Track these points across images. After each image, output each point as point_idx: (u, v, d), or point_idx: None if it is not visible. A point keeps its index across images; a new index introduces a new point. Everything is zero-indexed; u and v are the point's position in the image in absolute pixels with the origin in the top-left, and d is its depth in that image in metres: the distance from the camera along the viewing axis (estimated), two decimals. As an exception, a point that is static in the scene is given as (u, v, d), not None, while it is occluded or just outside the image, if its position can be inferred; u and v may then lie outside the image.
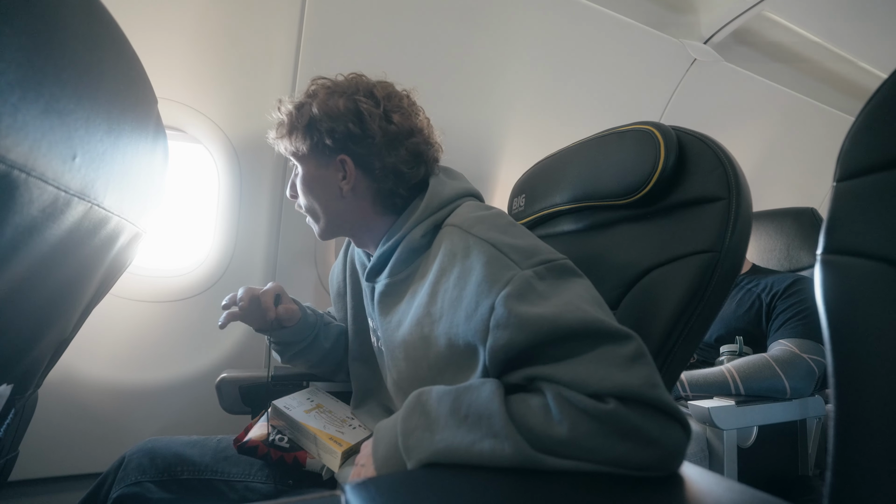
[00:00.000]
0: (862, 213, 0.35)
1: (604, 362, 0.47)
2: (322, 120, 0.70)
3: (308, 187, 0.75)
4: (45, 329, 0.59)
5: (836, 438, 0.33)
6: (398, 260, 0.69)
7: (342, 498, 0.34)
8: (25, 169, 0.38)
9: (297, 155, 0.75)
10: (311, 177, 0.74)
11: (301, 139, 0.72)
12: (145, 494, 0.79)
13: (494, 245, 0.58)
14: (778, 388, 1.16)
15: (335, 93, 0.72)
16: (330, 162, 0.72)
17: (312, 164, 0.74)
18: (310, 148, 0.72)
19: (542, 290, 0.53)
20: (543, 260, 0.56)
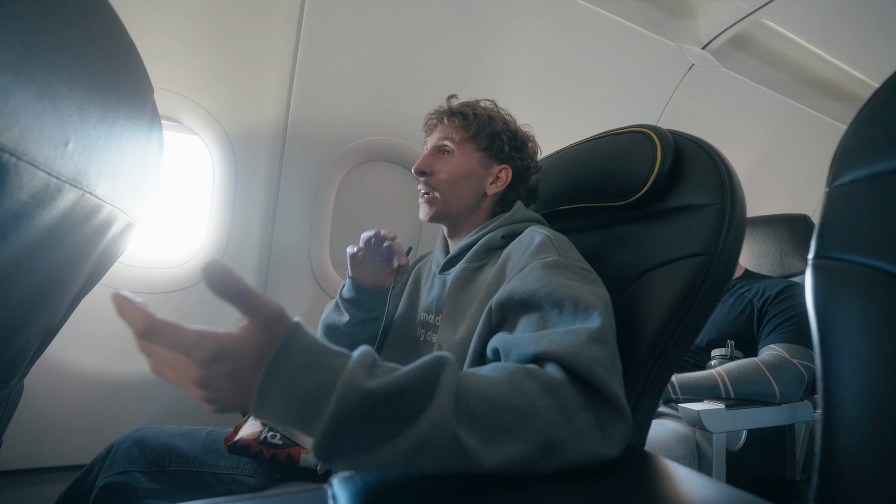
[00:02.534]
0: (853, 217, 0.36)
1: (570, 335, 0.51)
2: (508, 135, 0.87)
3: (458, 173, 0.85)
4: (32, 317, 0.58)
5: (823, 441, 0.33)
6: (478, 250, 0.81)
7: (328, 491, 0.34)
8: (16, 153, 0.37)
9: (464, 145, 0.85)
10: (469, 168, 0.85)
11: (484, 138, 0.85)
12: (132, 484, 0.79)
13: (552, 240, 0.71)
14: (767, 393, 1.17)
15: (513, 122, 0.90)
16: (491, 165, 0.87)
17: (476, 159, 0.86)
18: (486, 148, 0.85)
19: (567, 273, 0.63)
20: (584, 267, 0.68)
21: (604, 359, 0.49)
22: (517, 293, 0.62)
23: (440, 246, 0.92)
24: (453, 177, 0.84)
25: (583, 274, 0.66)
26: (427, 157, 0.86)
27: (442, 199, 0.85)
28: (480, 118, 0.85)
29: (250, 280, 1.44)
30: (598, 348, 0.50)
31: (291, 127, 1.37)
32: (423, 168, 0.85)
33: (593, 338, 0.51)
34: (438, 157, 0.86)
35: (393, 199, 1.64)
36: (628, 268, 0.77)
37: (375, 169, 1.58)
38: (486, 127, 0.85)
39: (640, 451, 0.53)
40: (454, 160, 0.85)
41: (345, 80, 1.37)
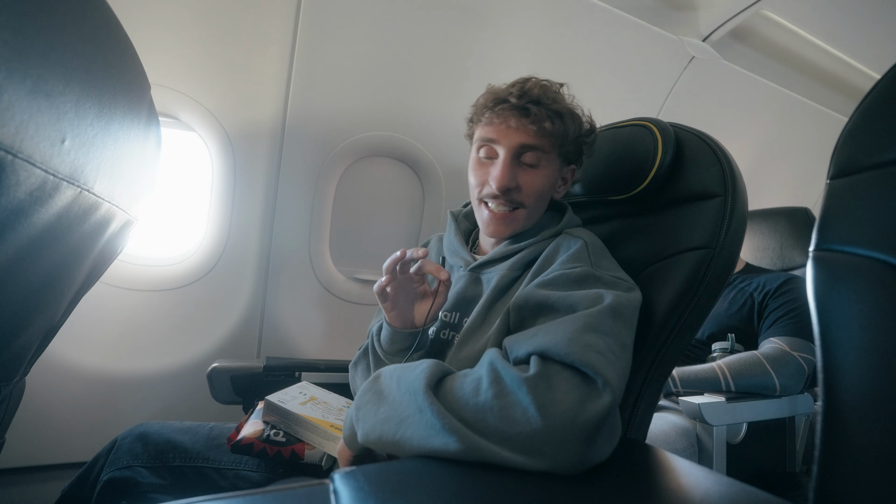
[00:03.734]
0: (854, 209, 0.36)
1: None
2: (583, 138, 0.77)
3: (547, 185, 0.75)
4: (33, 315, 0.58)
5: (823, 433, 0.33)
6: (522, 260, 0.74)
7: (330, 486, 0.34)
8: (12, 150, 0.37)
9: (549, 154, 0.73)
10: (554, 178, 0.76)
11: (570, 144, 0.75)
12: (136, 479, 0.79)
13: (587, 246, 0.69)
14: (768, 386, 1.17)
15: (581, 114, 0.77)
16: (561, 167, 0.77)
17: (555, 164, 0.75)
18: (567, 153, 0.76)
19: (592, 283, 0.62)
20: (617, 276, 0.66)
21: (598, 344, 0.50)
22: (533, 298, 0.61)
23: (458, 237, 0.84)
24: (540, 193, 0.74)
25: (614, 283, 0.63)
26: (510, 169, 0.71)
27: (527, 216, 0.75)
28: (567, 122, 0.72)
29: (251, 278, 1.44)
30: (593, 335, 0.51)
31: (290, 123, 1.37)
32: (509, 184, 0.71)
33: (587, 325, 0.52)
34: (521, 169, 0.72)
35: (392, 195, 1.64)
36: (630, 261, 0.77)
37: (374, 164, 1.57)
38: (571, 132, 0.73)
39: (640, 443, 0.54)
40: (540, 174, 0.73)
41: (343, 75, 1.36)
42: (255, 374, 1.12)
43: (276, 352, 1.48)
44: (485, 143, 0.74)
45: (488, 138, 0.73)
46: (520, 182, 0.72)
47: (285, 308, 1.49)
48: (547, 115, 0.70)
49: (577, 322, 0.53)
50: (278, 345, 1.49)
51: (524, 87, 0.71)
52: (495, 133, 0.72)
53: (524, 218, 0.75)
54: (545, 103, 0.70)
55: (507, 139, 0.71)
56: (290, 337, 1.51)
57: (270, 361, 1.14)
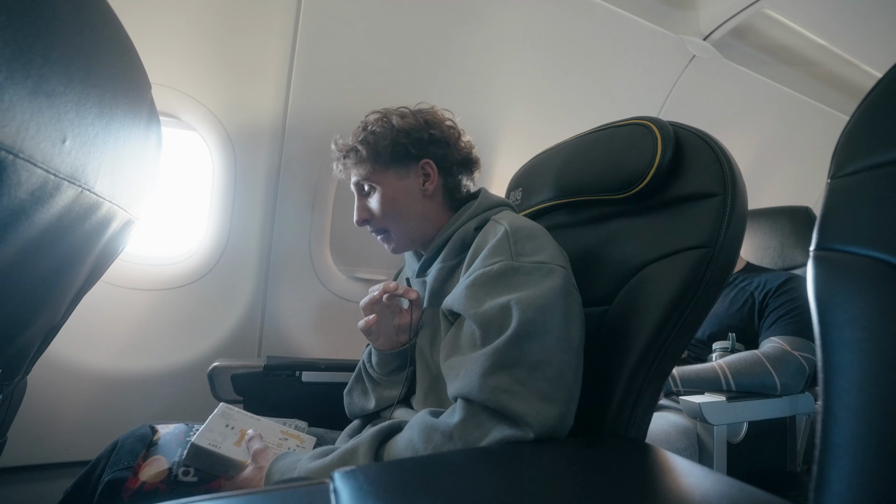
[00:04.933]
0: (855, 209, 0.36)
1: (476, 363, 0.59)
2: (402, 132, 0.81)
3: (392, 200, 0.82)
4: (34, 314, 0.58)
5: (823, 432, 0.33)
6: (451, 248, 0.78)
7: (330, 486, 0.34)
8: (13, 151, 0.37)
9: (375, 175, 0.82)
10: (395, 189, 0.82)
11: (384, 155, 0.81)
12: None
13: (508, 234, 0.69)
14: (768, 385, 1.17)
15: (400, 115, 0.84)
16: (411, 170, 0.83)
17: (393, 177, 0.82)
18: (391, 161, 0.81)
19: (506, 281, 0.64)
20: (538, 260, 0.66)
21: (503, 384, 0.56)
22: (455, 306, 0.67)
23: (412, 251, 0.90)
24: (390, 207, 0.82)
25: (534, 270, 0.65)
26: (358, 205, 0.84)
27: (395, 231, 0.83)
28: (367, 141, 0.81)
29: (251, 277, 1.44)
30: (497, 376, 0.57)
31: (290, 122, 1.37)
32: (361, 216, 0.83)
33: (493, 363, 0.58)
34: (366, 199, 0.84)
35: (393, 194, 1.64)
36: (629, 260, 0.77)
37: (375, 164, 1.57)
38: (379, 143, 0.80)
39: (641, 443, 0.54)
40: (378, 194, 0.82)
41: (343, 74, 1.36)
42: (256, 373, 1.13)
43: (276, 351, 1.48)
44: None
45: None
46: (369, 213, 0.83)
47: (286, 307, 1.49)
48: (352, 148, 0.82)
49: (485, 362, 0.58)
50: (279, 344, 1.49)
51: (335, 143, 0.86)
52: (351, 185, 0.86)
53: (399, 235, 0.83)
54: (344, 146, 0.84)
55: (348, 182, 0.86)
56: (291, 336, 1.51)
57: (271, 360, 1.15)
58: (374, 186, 0.82)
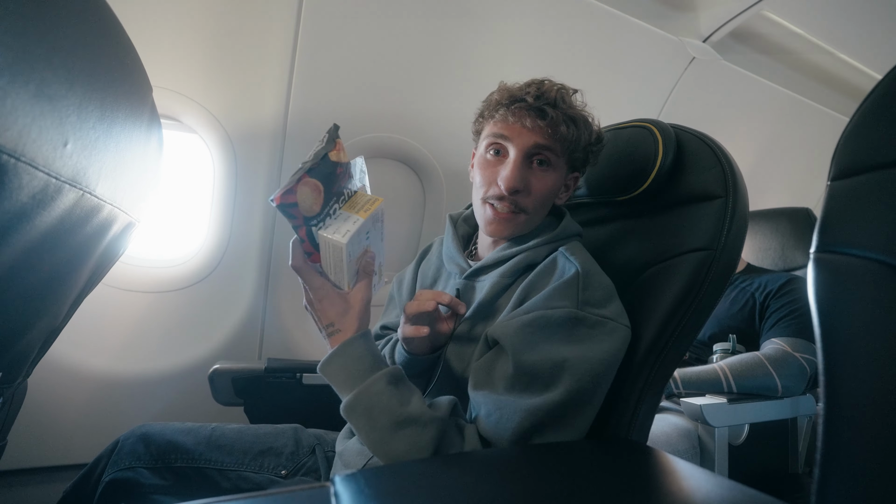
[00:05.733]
0: (855, 211, 0.36)
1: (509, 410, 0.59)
2: (593, 143, 0.75)
3: (553, 189, 0.74)
4: (35, 317, 0.58)
5: (825, 435, 0.33)
6: (516, 266, 0.73)
7: (331, 489, 0.34)
8: (15, 154, 0.37)
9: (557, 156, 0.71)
10: (556, 180, 0.74)
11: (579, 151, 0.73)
12: (138, 479, 0.79)
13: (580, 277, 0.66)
14: (770, 387, 1.17)
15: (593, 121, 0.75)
16: (565, 174, 0.76)
17: (563, 169, 0.74)
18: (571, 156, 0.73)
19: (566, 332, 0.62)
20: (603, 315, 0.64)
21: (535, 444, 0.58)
22: (504, 338, 0.64)
23: (455, 243, 0.83)
24: (546, 196, 0.73)
25: (598, 324, 0.63)
26: (521, 170, 0.69)
27: (528, 219, 0.73)
28: (577, 122, 0.70)
29: (252, 280, 1.44)
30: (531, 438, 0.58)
31: (291, 124, 1.37)
32: (518, 186, 0.69)
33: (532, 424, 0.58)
34: (531, 171, 0.71)
35: (394, 196, 1.64)
36: (631, 263, 0.77)
37: (375, 166, 1.57)
38: (581, 136, 0.71)
39: (642, 445, 0.54)
40: (549, 177, 0.72)
41: (344, 76, 1.36)
42: (257, 376, 1.13)
43: (277, 353, 1.48)
44: (495, 141, 0.72)
45: (501, 135, 0.71)
46: (528, 184, 0.71)
47: (287, 309, 1.49)
48: (563, 118, 0.68)
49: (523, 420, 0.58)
50: (280, 346, 1.49)
51: (541, 89, 0.70)
52: (509, 131, 0.70)
53: (525, 222, 0.74)
54: (562, 107, 0.69)
55: (521, 139, 0.69)
56: (292, 338, 1.51)
57: (272, 363, 1.15)
58: (552, 167, 0.72)
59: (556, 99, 0.69)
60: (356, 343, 0.64)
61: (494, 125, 0.72)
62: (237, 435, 0.88)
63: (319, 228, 0.62)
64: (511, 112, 0.69)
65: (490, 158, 0.73)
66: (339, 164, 0.62)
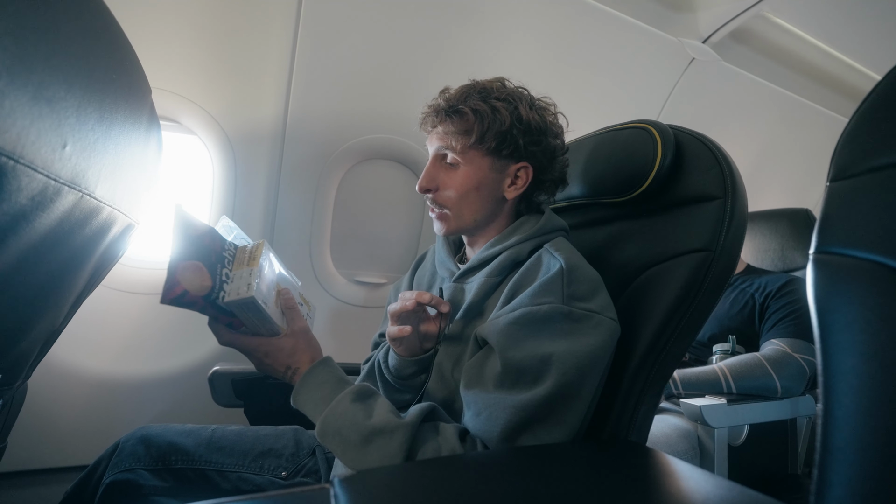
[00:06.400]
0: (854, 212, 0.36)
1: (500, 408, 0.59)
2: (523, 127, 0.72)
3: (475, 188, 0.73)
4: (34, 319, 0.58)
5: (823, 436, 0.33)
6: (501, 265, 0.73)
7: (331, 491, 0.34)
8: (13, 156, 0.37)
9: (468, 154, 0.72)
10: (480, 178, 0.73)
11: (489, 140, 0.71)
12: (138, 481, 0.79)
13: (563, 273, 0.65)
14: (769, 387, 1.17)
15: (528, 106, 0.74)
16: (506, 167, 0.74)
17: (486, 164, 0.73)
18: (494, 149, 0.72)
19: (552, 326, 0.62)
20: (588, 308, 0.63)
21: (525, 442, 0.57)
22: (492, 337, 0.64)
23: (446, 248, 0.85)
24: (463, 192, 0.74)
25: (583, 318, 0.63)
26: (430, 170, 0.74)
27: (454, 215, 0.75)
28: (482, 115, 0.70)
29: (251, 279, 1.44)
30: (521, 434, 0.58)
31: (290, 126, 1.37)
32: (428, 185, 0.74)
33: (521, 420, 0.58)
34: (443, 169, 0.75)
35: (393, 197, 1.64)
36: (630, 264, 0.77)
37: (375, 167, 1.58)
38: (492, 125, 0.70)
39: (641, 446, 0.54)
40: (460, 173, 0.73)
41: (343, 78, 1.36)
42: (257, 378, 1.13)
43: (277, 354, 1.47)
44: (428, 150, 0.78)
45: (426, 146, 0.77)
46: (440, 183, 0.74)
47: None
48: (455, 112, 0.71)
49: (512, 416, 0.58)
50: (279, 347, 1.49)
51: (448, 93, 0.75)
52: (427, 140, 0.77)
53: (454, 217, 0.75)
54: (454, 103, 0.72)
55: (431, 144, 0.76)
56: (291, 339, 1.51)
57: (271, 365, 1.14)
58: (461, 163, 0.73)
59: (456, 97, 0.73)
60: (315, 371, 0.67)
61: None
62: (237, 436, 0.88)
63: (223, 299, 0.64)
64: (423, 122, 0.76)
65: None
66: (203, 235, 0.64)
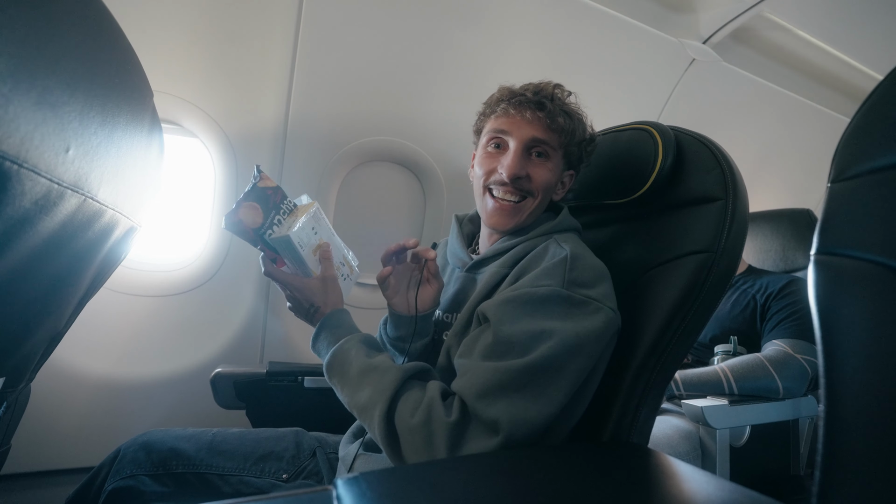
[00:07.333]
0: (855, 213, 0.36)
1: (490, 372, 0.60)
2: (586, 142, 0.79)
3: (553, 179, 0.77)
4: (38, 322, 0.59)
5: (825, 437, 0.33)
6: (514, 256, 0.75)
7: (333, 493, 0.34)
8: (17, 160, 0.37)
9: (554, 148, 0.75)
10: (553, 171, 0.77)
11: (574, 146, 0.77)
12: (140, 487, 0.79)
13: (567, 260, 0.67)
14: (771, 388, 1.17)
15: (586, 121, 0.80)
16: (563, 172, 0.80)
17: (560, 162, 0.78)
18: (568, 155, 0.78)
19: (548, 308, 0.63)
20: (587, 295, 0.64)
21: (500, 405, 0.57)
22: (490, 311, 0.65)
23: (459, 239, 0.86)
24: (547, 184, 0.75)
25: (580, 303, 0.63)
26: (521, 160, 0.74)
27: (532, 210, 0.76)
28: (575, 120, 0.76)
29: (253, 283, 1.45)
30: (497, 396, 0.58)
31: (291, 128, 1.37)
32: (519, 172, 0.73)
33: (499, 381, 0.58)
34: (530, 161, 0.75)
35: (394, 199, 1.64)
36: (631, 265, 0.77)
37: (376, 169, 1.58)
38: (576, 133, 0.76)
39: (643, 448, 0.54)
40: (549, 167, 0.75)
41: (344, 80, 1.37)
42: (259, 380, 1.13)
43: (278, 357, 1.48)
44: (496, 135, 0.76)
45: (501, 129, 0.75)
46: (529, 172, 0.74)
47: (288, 313, 1.48)
48: (559, 111, 0.73)
49: (491, 376, 0.59)
50: (281, 350, 1.49)
51: (539, 86, 0.76)
52: (509, 125, 0.74)
53: (529, 211, 0.77)
54: (558, 101, 0.75)
55: (521, 131, 0.74)
56: (293, 342, 1.51)
57: (273, 367, 1.15)
58: (550, 158, 0.75)
59: (553, 94, 0.75)
60: (334, 315, 0.74)
61: (495, 120, 0.76)
62: (238, 440, 0.88)
63: (269, 235, 0.75)
64: (511, 105, 0.74)
65: (491, 151, 0.77)
66: (268, 188, 0.76)
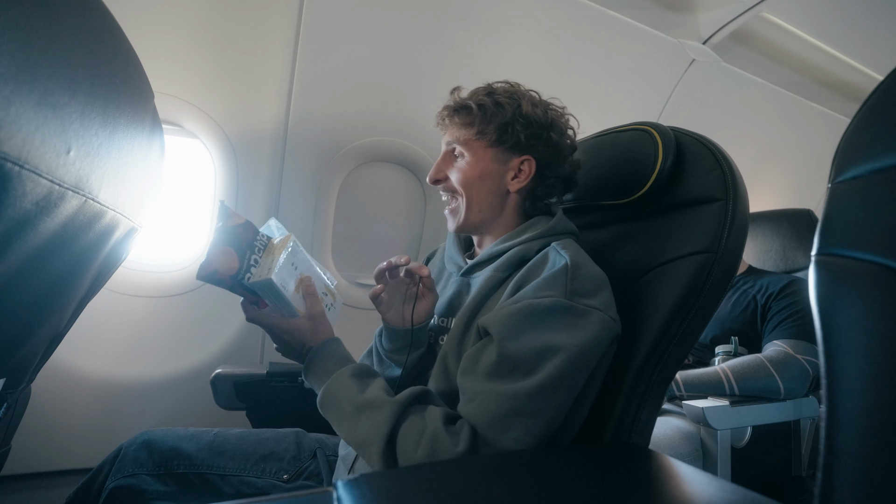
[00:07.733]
0: (856, 213, 0.36)
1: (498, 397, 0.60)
2: (523, 119, 0.76)
3: (478, 176, 0.77)
4: (38, 323, 0.59)
5: (827, 438, 0.33)
6: (509, 260, 0.75)
7: (333, 494, 0.34)
8: (19, 162, 0.37)
9: (471, 144, 0.77)
10: (482, 168, 0.77)
11: (490, 132, 0.76)
12: (141, 486, 0.79)
13: (568, 269, 0.67)
14: (772, 389, 1.17)
15: (532, 103, 0.78)
16: (508, 159, 0.78)
17: (489, 155, 0.77)
18: (496, 142, 0.77)
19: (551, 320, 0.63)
20: (589, 304, 0.64)
21: (515, 433, 0.58)
22: (493, 326, 0.65)
23: (456, 244, 0.88)
24: (466, 179, 0.77)
25: (583, 313, 0.63)
26: (439, 163, 0.80)
27: (464, 205, 0.78)
28: (486, 109, 0.75)
29: (253, 282, 1.45)
30: (511, 424, 0.58)
31: (292, 129, 1.37)
32: (436, 175, 0.79)
33: (512, 409, 0.58)
34: (451, 161, 0.79)
35: (394, 200, 1.64)
36: (632, 266, 0.77)
37: (376, 170, 1.58)
38: (494, 118, 0.75)
39: (644, 449, 0.53)
40: (467, 162, 0.78)
41: (344, 81, 1.37)
42: (259, 380, 1.13)
43: (279, 357, 1.47)
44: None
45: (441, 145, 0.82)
46: (448, 172, 0.79)
47: (288, 313, 1.49)
48: (477, 102, 0.76)
49: (503, 404, 0.59)
50: (281, 350, 1.49)
51: (459, 92, 0.80)
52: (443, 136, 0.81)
53: (465, 209, 0.78)
54: (478, 93, 0.78)
55: (444, 139, 0.81)
56: (293, 342, 1.51)
57: (273, 367, 1.15)
58: (467, 154, 0.77)
59: (467, 95, 0.79)
60: (324, 347, 0.73)
61: None
62: (239, 440, 0.88)
63: (248, 279, 0.72)
64: (439, 118, 0.80)
65: None
66: (238, 226, 0.72)
